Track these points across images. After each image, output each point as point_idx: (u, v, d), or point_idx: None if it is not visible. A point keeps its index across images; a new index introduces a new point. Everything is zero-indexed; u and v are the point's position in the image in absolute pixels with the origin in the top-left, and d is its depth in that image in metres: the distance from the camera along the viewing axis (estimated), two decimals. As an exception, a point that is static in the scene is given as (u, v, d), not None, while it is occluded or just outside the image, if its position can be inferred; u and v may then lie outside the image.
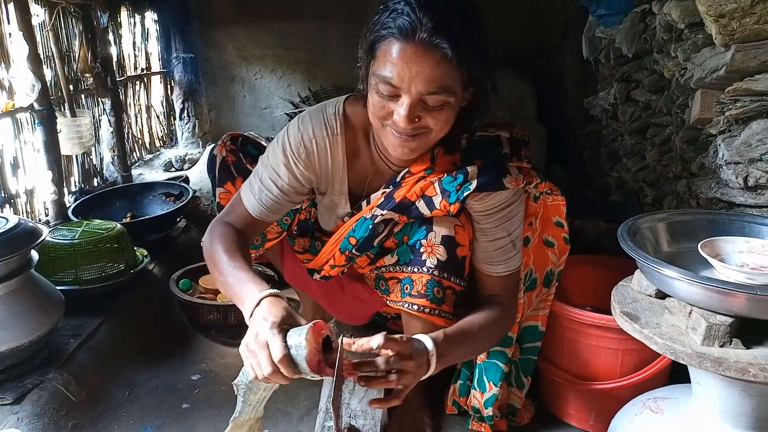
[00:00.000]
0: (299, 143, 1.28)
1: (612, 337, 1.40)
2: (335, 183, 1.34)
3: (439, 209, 1.24)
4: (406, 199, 1.25)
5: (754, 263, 1.09)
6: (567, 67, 3.68)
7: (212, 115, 4.05)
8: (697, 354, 0.98)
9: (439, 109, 1.09)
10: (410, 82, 1.04)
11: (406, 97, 1.06)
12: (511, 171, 1.22)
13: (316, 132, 1.27)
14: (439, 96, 1.06)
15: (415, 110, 1.07)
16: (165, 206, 2.67)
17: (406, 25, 1.02)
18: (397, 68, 1.04)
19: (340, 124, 1.28)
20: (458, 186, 1.21)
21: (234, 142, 1.51)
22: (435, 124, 1.11)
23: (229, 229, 1.31)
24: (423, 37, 1.01)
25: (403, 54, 1.03)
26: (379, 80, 1.07)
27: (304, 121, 1.29)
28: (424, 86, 1.04)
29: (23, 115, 2.31)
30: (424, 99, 1.07)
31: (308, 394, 1.64)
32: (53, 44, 2.51)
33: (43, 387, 1.51)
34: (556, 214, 1.42)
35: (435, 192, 1.23)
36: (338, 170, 1.32)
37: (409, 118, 1.07)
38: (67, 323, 1.75)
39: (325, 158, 1.30)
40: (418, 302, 1.30)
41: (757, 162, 1.43)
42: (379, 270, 1.40)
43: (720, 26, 1.41)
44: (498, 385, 1.43)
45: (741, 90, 1.45)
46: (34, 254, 1.60)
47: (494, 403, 1.44)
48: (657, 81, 2.17)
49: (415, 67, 1.03)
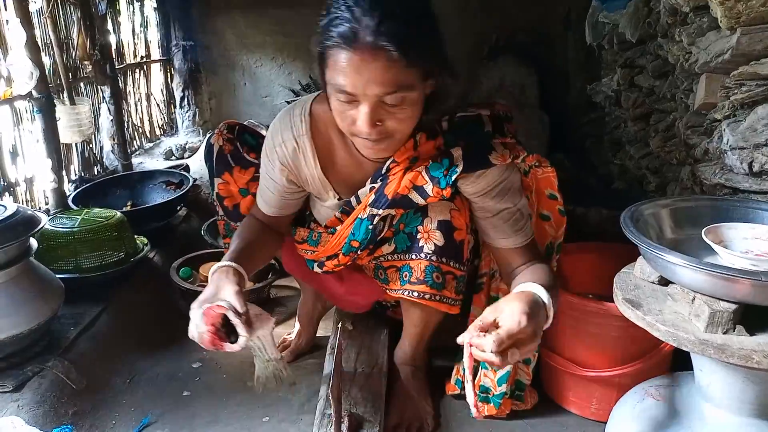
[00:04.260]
0: (272, 148, 1.33)
1: (614, 325, 1.39)
2: (314, 180, 1.34)
3: (433, 196, 1.23)
4: (398, 194, 1.25)
5: (758, 249, 1.07)
6: (570, 53, 3.65)
7: (212, 103, 4.03)
8: (700, 341, 0.97)
9: (400, 106, 1.07)
10: (364, 88, 1.03)
11: (364, 103, 1.05)
12: (497, 148, 1.21)
13: (284, 135, 1.31)
14: (397, 94, 1.05)
15: (376, 114, 1.07)
16: (165, 194, 2.66)
17: (348, 33, 1.00)
18: (349, 77, 1.03)
19: (305, 124, 1.29)
20: (445, 171, 1.20)
21: (231, 131, 1.50)
22: (398, 124, 1.10)
23: (248, 220, 1.45)
24: (367, 41, 0.99)
25: (350, 62, 1.02)
26: (335, 89, 1.07)
27: (274, 124, 1.34)
28: (379, 89, 1.03)
29: (22, 103, 2.30)
30: (383, 99, 1.05)
31: (309, 382, 1.63)
32: (51, 31, 2.49)
33: (43, 375, 1.51)
34: (548, 187, 1.38)
35: (425, 180, 1.23)
36: (312, 169, 1.32)
37: (370, 123, 1.07)
38: (67, 311, 1.75)
39: (295, 159, 1.32)
40: (418, 289, 1.29)
41: (762, 147, 1.42)
42: (378, 260, 1.39)
43: (725, 9, 1.39)
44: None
45: (746, 74, 1.43)
46: (33, 242, 1.59)
47: (508, 379, 1.44)
48: (661, 66, 2.14)
49: (365, 73, 1.01)
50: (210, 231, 2.46)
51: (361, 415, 1.40)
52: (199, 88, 3.94)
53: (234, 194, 1.50)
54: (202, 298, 1.15)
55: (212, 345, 1.12)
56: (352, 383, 1.51)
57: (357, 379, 1.52)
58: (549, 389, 1.61)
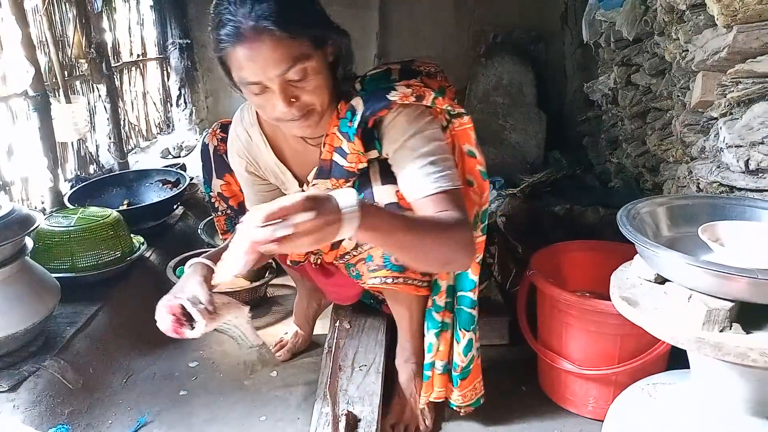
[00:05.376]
0: (231, 143, 1.42)
1: (611, 323, 1.39)
2: (273, 168, 1.39)
3: (350, 153, 1.25)
4: (325, 161, 1.29)
5: (754, 247, 1.07)
6: (567, 51, 3.65)
7: (209, 101, 4.02)
8: (696, 339, 0.97)
9: (305, 79, 1.11)
10: (265, 72, 1.08)
11: (272, 86, 1.10)
12: (397, 88, 1.21)
13: (237, 129, 1.40)
14: (296, 67, 1.08)
15: (288, 92, 1.11)
16: (162, 193, 2.65)
17: (232, 30, 1.06)
18: (248, 68, 1.08)
19: (252, 116, 1.36)
20: (350, 123, 1.22)
21: (224, 129, 1.51)
22: (312, 95, 1.14)
23: None
24: (248, 28, 1.05)
25: (243, 54, 1.07)
26: (243, 84, 1.12)
27: (232, 122, 1.43)
28: (278, 68, 1.07)
29: (17, 102, 2.28)
30: (287, 77, 1.09)
31: (306, 381, 1.63)
32: (47, 29, 2.47)
33: (39, 374, 1.50)
34: (465, 142, 1.30)
35: (340, 140, 1.25)
36: (266, 156, 1.38)
37: (286, 102, 1.11)
38: (63, 311, 1.74)
39: (250, 149, 1.39)
40: (381, 275, 1.31)
41: (758, 145, 1.42)
42: (344, 258, 1.40)
43: (722, 6, 1.39)
44: (470, 329, 1.38)
45: (743, 72, 1.43)
46: (28, 241, 1.59)
47: (472, 348, 1.40)
48: (658, 64, 2.14)
49: (259, 58, 1.06)
50: (207, 230, 2.46)
51: (358, 414, 1.39)
52: (195, 86, 3.93)
53: (237, 193, 1.55)
54: (172, 292, 1.21)
55: (174, 333, 1.18)
56: (349, 382, 1.50)
57: (354, 378, 1.52)
58: (546, 388, 1.61)
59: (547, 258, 1.66)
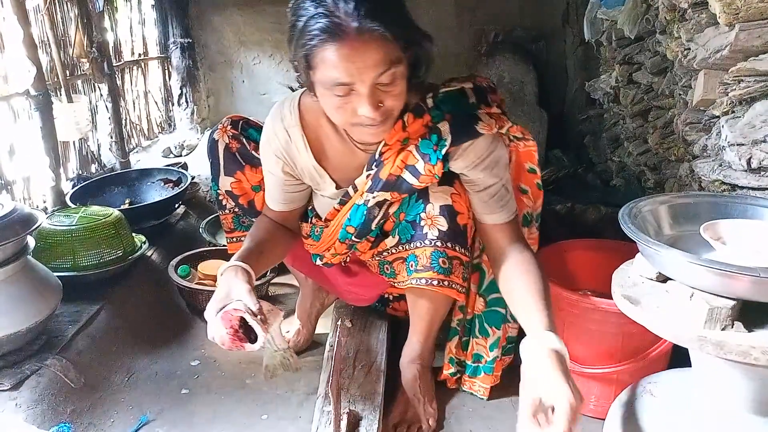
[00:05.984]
0: (266, 142, 1.36)
1: (612, 322, 1.39)
2: (310, 170, 1.35)
3: (425, 174, 1.23)
4: (392, 175, 1.25)
5: (756, 246, 1.07)
6: (568, 50, 3.64)
7: (211, 101, 4.03)
8: (698, 337, 0.97)
9: (393, 83, 1.08)
10: (360, 74, 1.04)
11: (362, 88, 1.06)
12: (482, 117, 1.22)
13: (276, 127, 1.33)
14: (390, 71, 1.05)
15: (375, 96, 1.08)
16: (163, 192, 2.65)
17: (330, 27, 1.01)
18: (343, 68, 1.03)
19: (295, 116, 1.31)
20: (434, 146, 1.21)
21: (235, 126, 1.50)
22: (395, 101, 1.12)
23: (260, 219, 1.48)
24: (352, 28, 1.00)
25: (340, 53, 1.02)
26: (330, 84, 1.07)
27: (268, 119, 1.36)
28: (374, 71, 1.04)
29: (19, 101, 2.29)
30: (378, 80, 1.06)
31: (307, 379, 1.63)
32: (48, 29, 2.48)
33: (41, 373, 1.50)
34: (528, 161, 1.39)
35: (416, 159, 1.23)
36: (305, 159, 1.33)
37: (373, 107, 1.08)
38: (65, 309, 1.74)
39: (288, 150, 1.33)
40: (426, 276, 1.29)
41: (760, 143, 1.41)
42: (381, 255, 1.39)
43: (724, 5, 1.39)
44: (500, 328, 1.47)
45: (745, 70, 1.43)
46: (30, 240, 1.59)
47: (498, 345, 1.48)
48: (659, 63, 2.14)
49: (358, 59, 1.02)
50: (208, 229, 2.46)
51: (359, 412, 1.40)
52: (197, 86, 3.93)
53: (248, 191, 1.52)
54: (217, 299, 1.17)
55: (232, 346, 1.15)
56: (351, 381, 1.51)
57: (356, 377, 1.52)
58: (548, 386, 1.61)
59: (548, 256, 1.65)
